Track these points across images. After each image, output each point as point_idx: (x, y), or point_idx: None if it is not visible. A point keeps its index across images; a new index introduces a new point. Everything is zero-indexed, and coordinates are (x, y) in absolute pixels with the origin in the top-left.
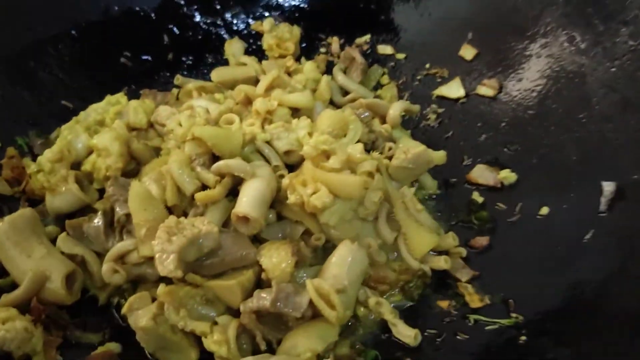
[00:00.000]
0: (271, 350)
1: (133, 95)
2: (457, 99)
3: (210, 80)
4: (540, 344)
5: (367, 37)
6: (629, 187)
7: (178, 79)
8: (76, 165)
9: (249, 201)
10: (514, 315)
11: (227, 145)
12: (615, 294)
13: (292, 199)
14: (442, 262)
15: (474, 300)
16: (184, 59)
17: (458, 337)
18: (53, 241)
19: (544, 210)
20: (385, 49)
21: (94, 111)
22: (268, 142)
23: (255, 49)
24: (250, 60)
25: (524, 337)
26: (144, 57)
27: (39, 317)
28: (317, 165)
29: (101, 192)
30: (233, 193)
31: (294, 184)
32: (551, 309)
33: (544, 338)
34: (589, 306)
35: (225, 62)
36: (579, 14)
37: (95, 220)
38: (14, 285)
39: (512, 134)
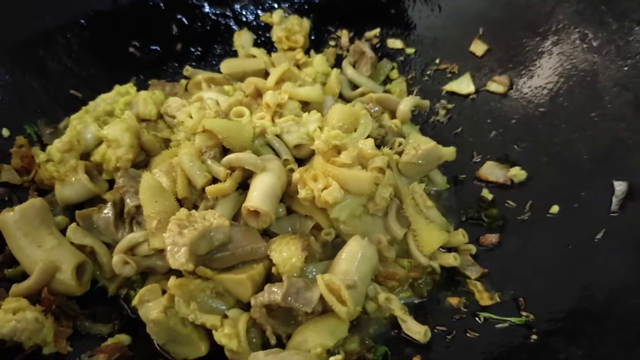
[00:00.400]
0: (281, 344)
1: (141, 85)
2: (467, 95)
3: (219, 71)
4: (551, 344)
5: (377, 30)
6: None
7: (187, 69)
8: (85, 156)
9: (259, 195)
10: (524, 313)
11: (238, 138)
12: (627, 294)
13: (302, 193)
14: (451, 259)
15: (484, 297)
16: (192, 49)
17: (468, 334)
18: (62, 231)
19: (555, 208)
20: (395, 43)
21: (103, 101)
22: (278, 136)
23: (265, 41)
24: (260, 52)
25: (535, 336)
26: (153, 47)
27: (50, 308)
28: (328, 160)
29: (110, 182)
30: (243, 186)
31: (304, 179)
32: (562, 308)
33: (556, 337)
34: (600, 305)
35: (234, 54)
36: (592, 12)
37: (105, 211)
38: (24, 275)
39: (522, 131)
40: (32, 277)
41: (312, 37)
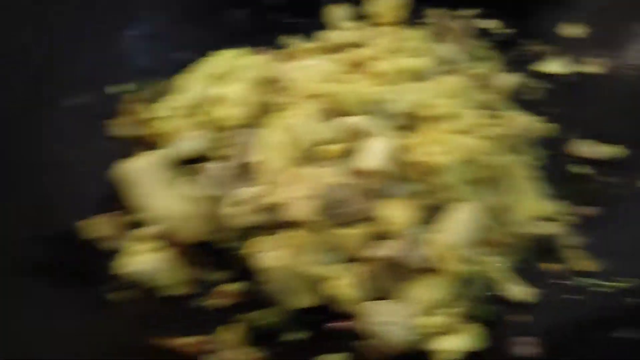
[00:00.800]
0: (389, 298)
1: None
2: (564, 75)
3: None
4: None
5: (473, 10)
6: None
7: (285, 39)
8: (198, 114)
9: (371, 156)
10: (622, 280)
11: (348, 103)
12: None
13: (411, 158)
14: (549, 228)
15: (582, 264)
16: (289, 20)
17: (566, 298)
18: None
19: None
20: (490, 23)
21: (215, 63)
22: (383, 104)
23: (361, 16)
24: (357, 26)
25: (632, 300)
26: (251, 16)
27: (180, 252)
28: (436, 128)
29: (223, 140)
30: (351, 150)
31: (413, 144)
32: None
33: None
34: None
35: (330, 27)
36: None
37: (221, 166)
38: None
39: (619, 110)
40: (161, 225)
41: (409, 14)
